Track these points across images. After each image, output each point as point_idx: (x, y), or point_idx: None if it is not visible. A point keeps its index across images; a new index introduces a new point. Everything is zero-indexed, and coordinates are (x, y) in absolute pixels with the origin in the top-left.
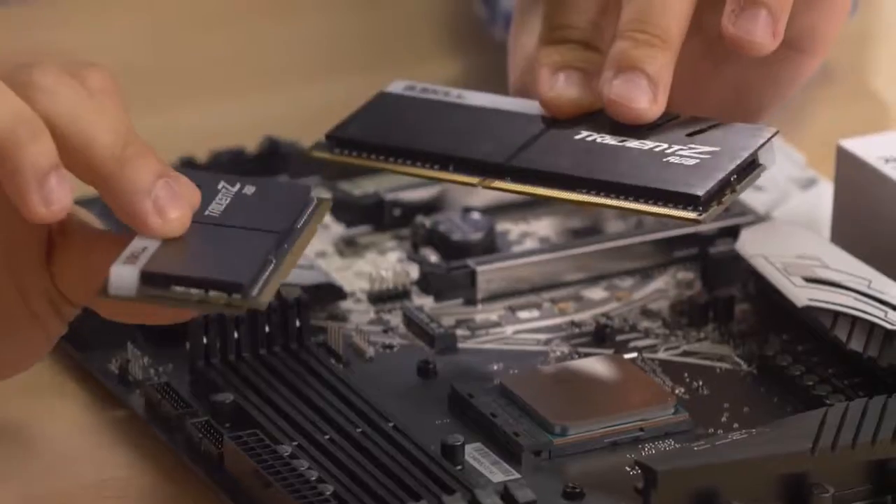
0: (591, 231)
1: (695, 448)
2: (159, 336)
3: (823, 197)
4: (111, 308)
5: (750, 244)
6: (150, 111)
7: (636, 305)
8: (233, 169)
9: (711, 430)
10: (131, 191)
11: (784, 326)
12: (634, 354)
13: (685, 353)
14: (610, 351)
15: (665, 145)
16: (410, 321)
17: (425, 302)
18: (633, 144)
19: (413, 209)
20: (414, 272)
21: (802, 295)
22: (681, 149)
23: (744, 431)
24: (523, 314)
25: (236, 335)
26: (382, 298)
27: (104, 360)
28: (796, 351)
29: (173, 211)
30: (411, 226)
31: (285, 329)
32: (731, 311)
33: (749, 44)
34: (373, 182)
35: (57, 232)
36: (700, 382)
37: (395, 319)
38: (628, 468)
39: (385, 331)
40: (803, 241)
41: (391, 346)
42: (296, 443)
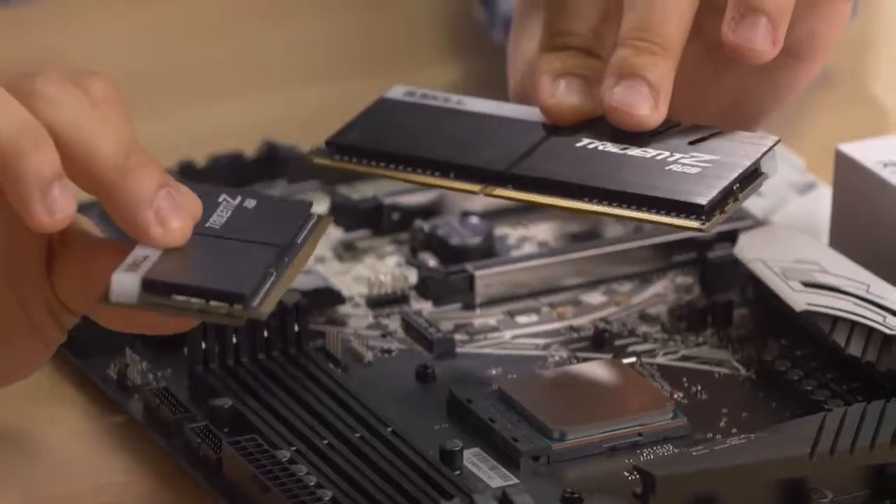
0: (590, 236)
1: (693, 453)
2: (158, 341)
3: (822, 201)
4: (111, 317)
5: (748, 249)
6: (149, 115)
7: (635, 310)
8: (231, 173)
9: (710, 435)
10: (133, 201)
11: (783, 331)
12: (633, 359)
13: (684, 358)
14: (608, 356)
15: (667, 153)
16: (409, 326)
17: (424, 306)
18: (635, 152)
19: (411, 213)
20: (412, 277)
21: (801, 300)
22: (683, 157)
23: (742, 436)
24: (522, 319)
25: (235, 340)
26: (381, 303)
27: (103, 366)
28: (795, 356)
29: (175, 221)
30: (410, 230)
31: (284, 334)
32: (730, 316)
33: (749, 51)
34: (371, 186)
35: (57, 241)
36: (699, 387)
37: (394, 324)
38: (627, 473)
39: (384, 335)
40: (802, 246)
41: (390, 351)
42: (294, 448)
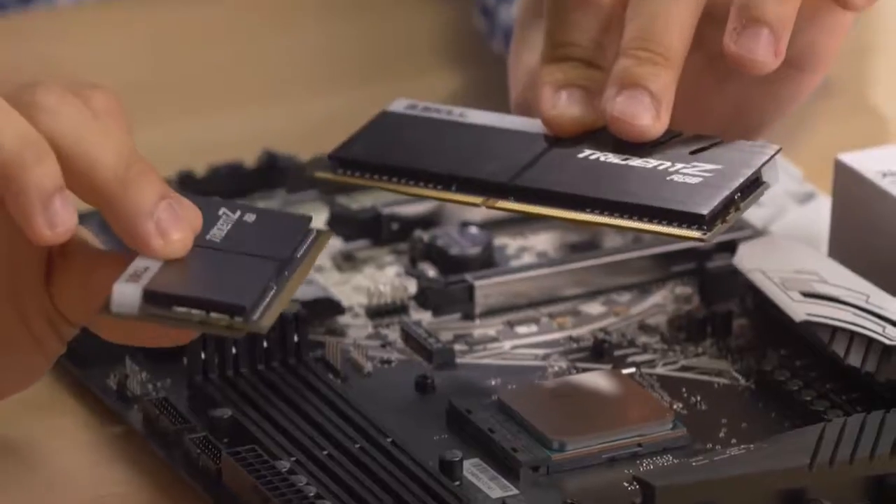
0: (589, 246)
1: (693, 463)
2: (158, 352)
3: (821, 211)
4: (111, 329)
5: (748, 259)
6: (149, 124)
7: (634, 320)
8: (231, 182)
9: (709, 446)
10: (134, 212)
11: (782, 341)
12: (633, 369)
13: (683, 368)
14: (608, 366)
15: (668, 163)
16: (408, 336)
17: (423, 317)
18: (637, 163)
19: (411, 224)
20: (412, 287)
21: (800, 310)
22: (684, 167)
23: (742, 447)
24: (521, 329)
25: (234, 350)
26: (380, 313)
27: (102, 376)
28: (794, 366)
29: (175, 233)
30: (409, 240)
31: (283, 344)
32: (729, 326)
33: (751, 62)
34: (370, 197)
35: (57, 252)
36: (698, 397)
37: (394, 334)
38: (626, 483)
39: (383, 346)
40: (801, 256)
41: (389, 361)
42: (294, 458)
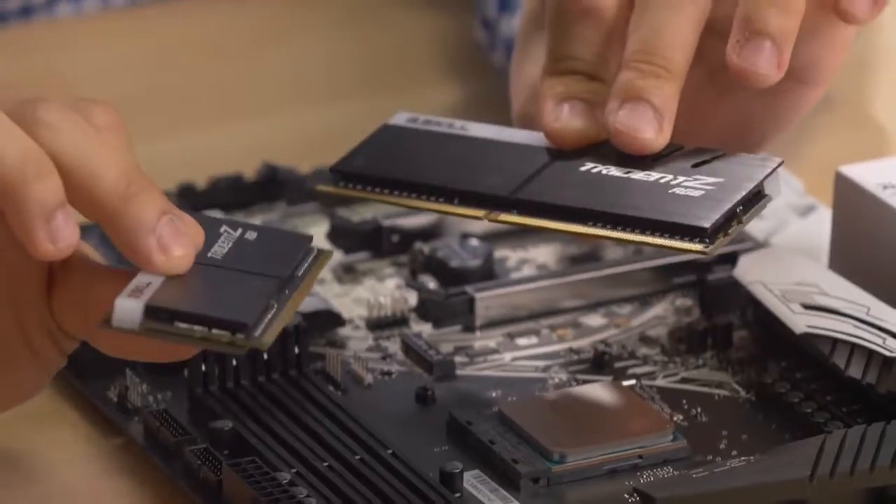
0: (590, 258)
1: (693, 475)
2: (158, 363)
3: (822, 224)
4: (111, 343)
5: (748, 271)
6: (149, 137)
7: (635, 332)
8: (231, 195)
9: (710, 458)
10: (135, 228)
11: (782, 353)
12: (633, 381)
13: (684, 380)
14: (608, 378)
15: (670, 176)
16: (409, 348)
17: (424, 329)
18: (639, 176)
19: (411, 236)
20: (412, 299)
21: (801, 322)
22: (686, 180)
23: (742, 458)
24: (522, 341)
25: (235, 363)
26: (381, 325)
27: (103, 388)
28: (795, 378)
29: (177, 249)
30: (410, 252)
31: (284, 356)
32: (730, 338)
33: (753, 75)
34: (370, 209)
35: (57, 266)
36: (698, 409)
37: (394, 346)
38: (627, 495)
39: (383, 357)
40: (802, 268)
41: (389, 373)
42: (294, 470)
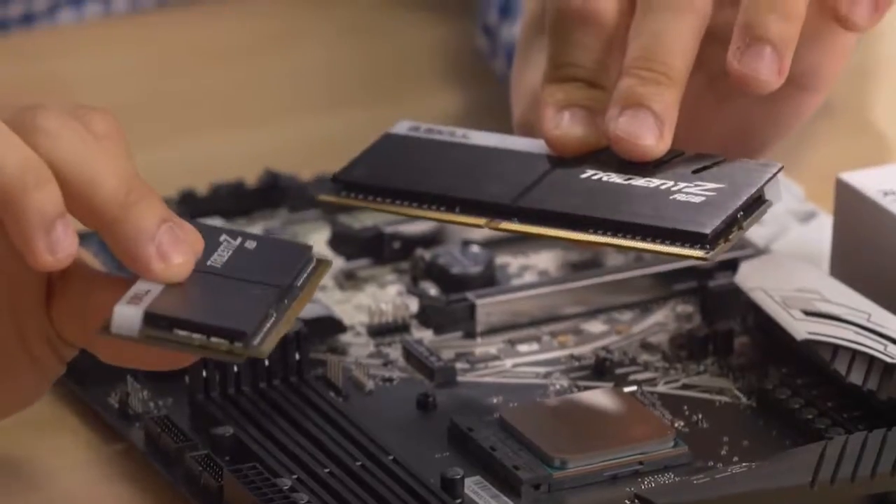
0: (591, 264)
1: (694, 481)
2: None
3: (823, 230)
4: (110, 351)
5: (749, 277)
6: (150, 143)
7: (636, 339)
8: (232, 201)
9: (711, 464)
10: (134, 235)
11: (783, 360)
12: (634, 388)
13: (685, 387)
14: (609, 384)
15: (671, 183)
16: (410, 354)
17: (425, 335)
18: (639, 183)
19: (412, 242)
20: (413, 305)
21: (802, 328)
22: (687, 186)
23: (743, 465)
24: (523, 347)
25: (236, 369)
26: (382, 331)
27: (104, 394)
28: (796, 384)
29: (176, 256)
30: (411, 259)
31: (285, 362)
32: (731, 345)
33: (754, 81)
34: (372, 216)
35: (56, 274)
36: (699, 416)
37: (395, 352)
38: (628, 502)
39: (385, 364)
40: (803, 275)
41: (391, 380)
42: (295, 476)
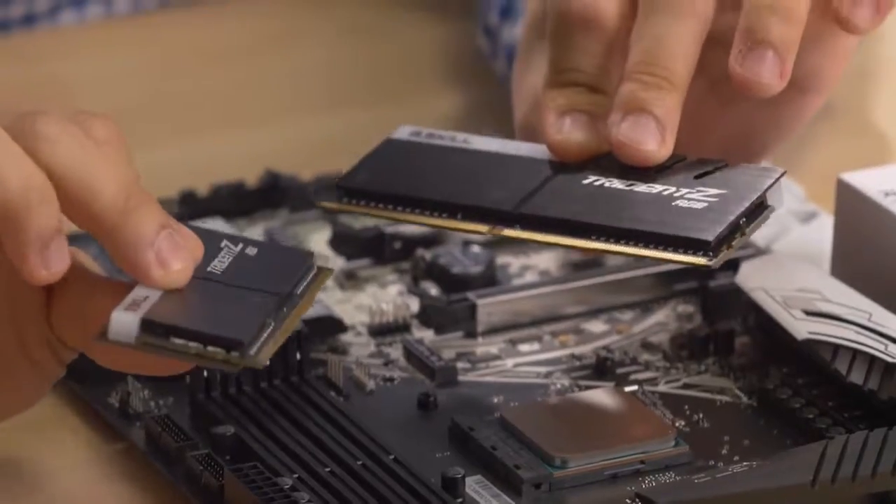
0: (592, 264)
1: (695, 481)
2: None
3: (824, 230)
4: (108, 356)
5: (750, 277)
6: (151, 144)
7: (636, 338)
8: (233, 202)
9: (712, 463)
10: (134, 242)
11: (784, 359)
12: (635, 387)
13: (685, 386)
14: (610, 384)
15: (673, 189)
16: (411, 354)
17: (426, 335)
18: (642, 188)
19: (413, 242)
20: (414, 305)
21: (802, 328)
22: (689, 192)
23: (744, 464)
24: (524, 347)
25: None
26: (383, 331)
27: (104, 393)
28: (796, 384)
29: (176, 263)
30: (411, 259)
31: (286, 362)
32: (732, 344)
33: (756, 85)
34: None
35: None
36: (700, 415)
37: (396, 352)
38: (629, 501)
39: (385, 364)
40: (803, 275)
41: (392, 379)
42: (296, 475)
